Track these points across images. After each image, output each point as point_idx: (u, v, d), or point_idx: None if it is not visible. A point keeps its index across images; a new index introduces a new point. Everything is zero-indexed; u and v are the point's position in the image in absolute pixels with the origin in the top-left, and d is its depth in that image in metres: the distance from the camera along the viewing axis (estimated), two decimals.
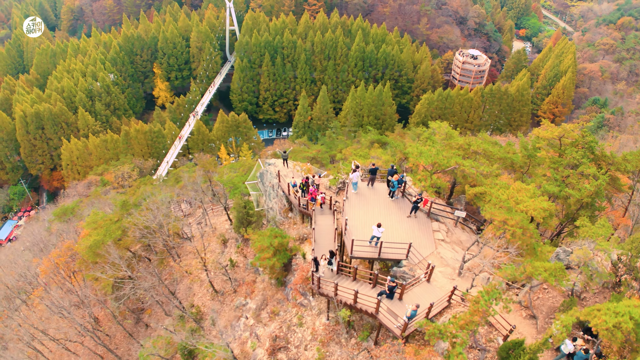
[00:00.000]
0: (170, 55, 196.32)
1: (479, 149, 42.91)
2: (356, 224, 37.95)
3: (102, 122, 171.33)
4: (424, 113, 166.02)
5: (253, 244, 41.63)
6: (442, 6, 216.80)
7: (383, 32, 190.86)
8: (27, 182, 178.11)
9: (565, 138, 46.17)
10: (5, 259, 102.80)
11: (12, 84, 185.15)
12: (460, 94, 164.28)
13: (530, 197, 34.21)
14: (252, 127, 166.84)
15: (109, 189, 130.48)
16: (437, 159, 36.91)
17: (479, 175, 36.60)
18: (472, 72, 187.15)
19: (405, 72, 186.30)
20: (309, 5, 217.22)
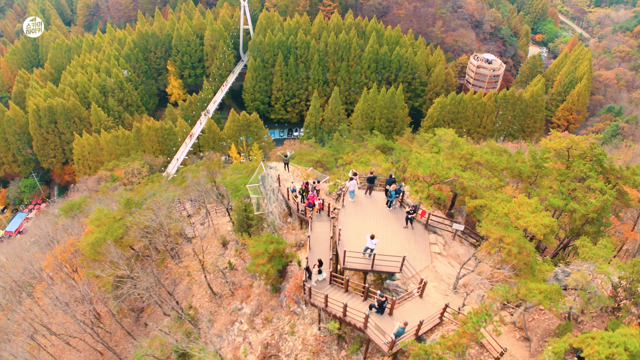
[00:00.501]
0: (184, 53, 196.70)
1: (482, 159, 41.66)
2: (351, 234, 37.08)
3: (115, 117, 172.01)
4: (437, 117, 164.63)
5: (248, 249, 40.98)
6: (457, 9, 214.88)
7: (397, 34, 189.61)
8: (39, 175, 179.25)
9: (573, 150, 44.65)
10: (12, 252, 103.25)
11: (26, 77, 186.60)
12: (473, 98, 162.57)
13: (531, 212, 32.81)
14: (263, 126, 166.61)
15: (118, 184, 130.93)
16: (436, 169, 35.81)
17: (479, 188, 35.47)
18: (487, 77, 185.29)
19: (419, 75, 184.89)
20: (324, 5, 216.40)
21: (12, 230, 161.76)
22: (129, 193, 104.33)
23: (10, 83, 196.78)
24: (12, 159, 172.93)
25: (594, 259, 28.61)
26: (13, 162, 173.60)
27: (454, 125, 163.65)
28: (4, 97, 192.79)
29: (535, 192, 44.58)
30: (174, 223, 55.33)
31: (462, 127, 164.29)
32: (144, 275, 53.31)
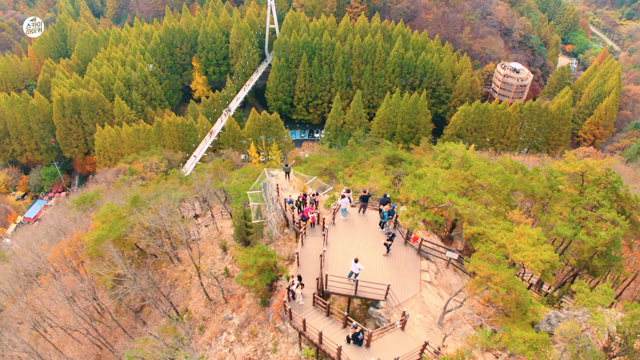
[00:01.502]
0: (210, 50, 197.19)
1: (485, 182, 39.38)
2: (338, 255, 35.47)
3: (138, 111, 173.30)
4: (460, 125, 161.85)
5: (238, 260, 39.91)
6: (487, 16, 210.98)
7: (424, 39, 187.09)
8: (61, 164, 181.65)
9: (588, 174, 41.82)
10: (25, 241, 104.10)
11: (53, 67, 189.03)
12: (498, 108, 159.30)
13: (532, 244, 30.57)
14: (283, 127, 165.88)
15: (135, 178, 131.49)
16: (430, 193, 33.76)
17: (475, 216, 33.44)
18: (513, 86, 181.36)
19: (444, 81, 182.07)
20: (351, 7, 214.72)
21: (31, 217, 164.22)
22: (141, 189, 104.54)
23: (37, 72, 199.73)
24: (35, 147, 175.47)
25: (589, 306, 26.58)
26: (36, 149, 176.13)
27: (477, 135, 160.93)
28: (30, 85, 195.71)
29: (545, 218, 42.38)
30: (174, 225, 54.32)
31: (485, 137, 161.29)
32: (139, 276, 52.67)
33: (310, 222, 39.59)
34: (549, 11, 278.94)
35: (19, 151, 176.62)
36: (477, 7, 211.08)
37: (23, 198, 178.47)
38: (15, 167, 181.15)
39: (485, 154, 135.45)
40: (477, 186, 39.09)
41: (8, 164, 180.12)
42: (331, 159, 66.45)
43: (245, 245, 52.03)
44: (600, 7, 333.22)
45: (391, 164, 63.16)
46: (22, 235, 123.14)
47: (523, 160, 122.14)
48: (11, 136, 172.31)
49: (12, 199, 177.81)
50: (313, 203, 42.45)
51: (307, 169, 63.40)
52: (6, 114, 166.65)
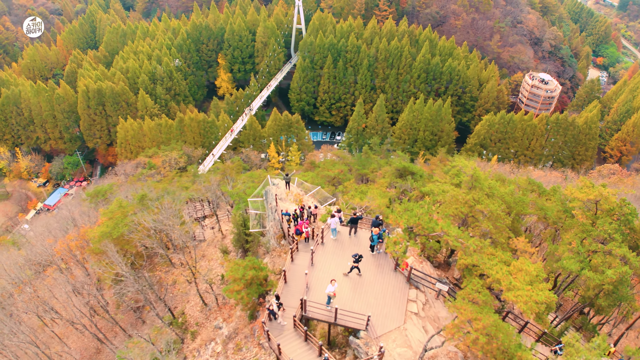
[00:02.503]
0: (235, 48, 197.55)
1: (486, 209, 36.64)
2: (322, 277, 33.95)
3: (161, 105, 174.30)
4: (484, 135, 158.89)
5: (226, 272, 38.97)
6: (517, 24, 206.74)
7: (451, 45, 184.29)
8: (83, 154, 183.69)
9: (602, 203, 39.30)
10: (38, 230, 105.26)
11: (80, 58, 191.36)
12: (524, 119, 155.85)
13: (529, 282, 28.57)
14: (304, 128, 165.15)
15: (153, 172, 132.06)
16: (422, 220, 31.67)
17: (467, 249, 31.26)
18: (541, 97, 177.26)
19: (470, 89, 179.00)
20: (380, 10, 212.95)
21: (51, 205, 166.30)
22: (154, 185, 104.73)
23: (65, 61, 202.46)
24: (59, 136, 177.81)
25: None
26: (59, 138, 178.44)
27: (500, 146, 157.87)
28: (58, 74, 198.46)
29: (553, 247, 40.22)
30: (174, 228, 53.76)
31: (509, 148, 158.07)
32: (136, 276, 52.31)
33: (304, 237, 38.36)
34: (581, 22, 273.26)
35: (43, 139, 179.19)
36: (508, 14, 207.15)
37: (44, 185, 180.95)
38: (38, 154, 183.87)
39: (507, 166, 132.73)
40: (477, 212, 36.99)
41: (32, 151, 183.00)
42: (340, 168, 64.96)
43: (244, 252, 51.23)
44: (632, 20, 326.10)
45: (401, 176, 61.64)
46: (38, 224, 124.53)
47: (545, 175, 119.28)
48: (36, 124, 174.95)
49: (33, 186, 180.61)
50: (310, 216, 41.30)
51: (315, 177, 62.18)
52: (32, 102, 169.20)
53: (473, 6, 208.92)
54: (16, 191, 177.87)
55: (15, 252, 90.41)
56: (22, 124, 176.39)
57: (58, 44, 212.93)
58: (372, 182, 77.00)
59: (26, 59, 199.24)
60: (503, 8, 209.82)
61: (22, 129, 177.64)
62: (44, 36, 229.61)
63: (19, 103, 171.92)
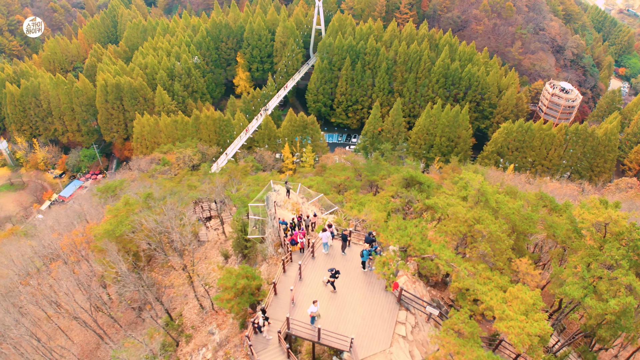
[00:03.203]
0: (254, 47, 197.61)
1: (485, 230, 34.79)
2: (310, 293, 32.98)
3: (178, 102, 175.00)
4: (501, 143, 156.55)
5: (217, 280, 38.29)
6: (539, 31, 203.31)
7: (471, 50, 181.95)
8: (100, 147, 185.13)
9: (611, 226, 37.10)
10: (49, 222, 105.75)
11: (100, 52, 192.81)
12: (542, 128, 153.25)
13: (524, 311, 26.95)
14: (319, 129, 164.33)
15: (166, 169, 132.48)
16: (414, 241, 30.05)
17: (458, 275, 29.73)
18: (560, 107, 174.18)
19: (489, 95, 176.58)
20: (400, 13, 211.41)
21: (66, 196, 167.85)
22: (165, 183, 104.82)
23: (85, 55, 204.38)
24: (77, 129, 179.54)
25: None
26: (77, 131, 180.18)
27: (518, 154, 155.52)
28: (78, 67, 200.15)
29: (557, 270, 38.64)
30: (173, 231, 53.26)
31: (526, 157, 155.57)
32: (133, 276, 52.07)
33: (299, 247, 37.55)
34: (604, 31, 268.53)
35: (61, 131, 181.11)
36: (530, 21, 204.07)
37: (60, 177, 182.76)
38: (55, 146, 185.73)
39: (522, 176, 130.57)
40: (477, 232, 35.43)
41: (49, 143, 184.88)
42: (346, 174, 63.87)
43: (244, 257, 50.66)
44: None
45: (409, 185, 60.48)
46: (51, 215, 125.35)
47: (561, 187, 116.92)
48: (54, 116, 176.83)
49: (49, 177, 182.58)
50: (308, 226, 40.50)
51: (322, 183, 61.33)
52: (50, 94, 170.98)
53: (495, 11, 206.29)
54: (32, 181, 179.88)
55: (24, 243, 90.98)
56: (40, 116, 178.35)
57: (79, 38, 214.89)
58: (380, 189, 75.98)
59: (47, 51, 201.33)
60: (525, 14, 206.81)
61: (41, 120, 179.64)
62: (65, 29, 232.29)
63: (38, 94, 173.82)
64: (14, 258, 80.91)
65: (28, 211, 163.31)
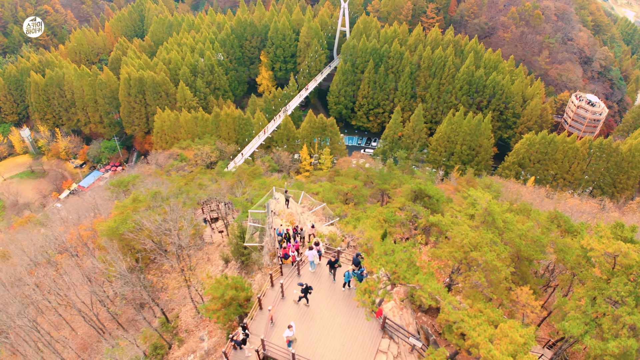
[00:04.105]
0: (278, 46, 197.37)
1: (481, 259, 32.20)
2: (290, 312, 31.90)
3: (200, 99, 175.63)
4: (523, 154, 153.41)
5: (205, 290, 37.57)
6: (567, 41, 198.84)
7: (497, 58, 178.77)
8: (121, 139, 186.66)
9: (621, 258, 34.38)
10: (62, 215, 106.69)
11: (126, 46, 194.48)
12: (566, 141, 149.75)
13: (512, 352, 24.86)
14: (338, 132, 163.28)
15: (184, 165, 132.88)
16: (399, 268, 27.82)
17: (444, 308, 27.45)
18: (586, 120, 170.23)
19: (513, 105, 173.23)
20: (427, 17, 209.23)
21: (85, 186, 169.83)
22: (179, 179, 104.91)
23: (111, 48, 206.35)
24: (99, 120, 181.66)
25: None
26: (99, 122, 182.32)
27: (539, 167, 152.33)
28: (104, 59, 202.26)
29: (561, 301, 36.70)
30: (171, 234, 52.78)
31: (548, 170, 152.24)
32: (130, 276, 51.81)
33: (291, 260, 36.58)
34: (633, 44, 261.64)
35: (83, 122, 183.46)
36: (559, 30, 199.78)
37: (81, 167, 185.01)
38: (77, 136, 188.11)
39: (543, 190, 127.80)
40: (472, 260, 33.17)
41: (71, 133, 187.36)
42: (354, 183, 62.56)
43: (242, 264, 49.96)
44: None
45: (417, 198, 59.11)
46: (68, 205, 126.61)
47: (581, 203, 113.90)
48: (77, 106, 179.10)
49: (70, 166, 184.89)
50: (304, 238, 39.52)
51: (328, 191, 60.27)
52: (74, 85, 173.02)
53: (523, 19, 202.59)
54: (53, 170, 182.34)
55: (37, 232, 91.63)
56: (64, 106, 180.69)
57: (106, 30, 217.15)
58: (390, 199, 74.72)
59: (73, 42, 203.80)
60: (554, 23, 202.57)
61: (64, 110, 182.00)
62: (93, 21, 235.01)
63: (62, 85, 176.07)
64: (25, 247, 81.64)
65: (47, 199, 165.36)
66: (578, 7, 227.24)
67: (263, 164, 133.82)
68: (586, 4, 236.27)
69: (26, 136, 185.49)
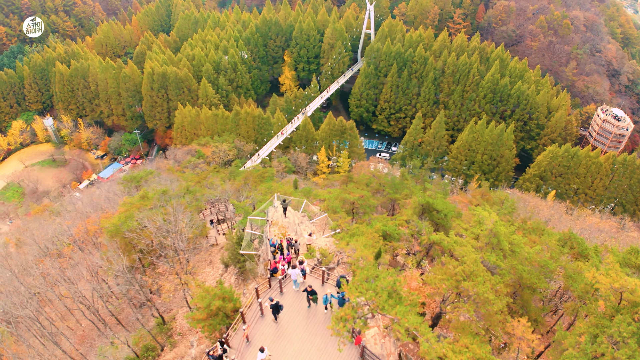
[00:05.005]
0: (302, 47, 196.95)
1: (472, 291, 30.05)
2: (268, 332, 30.72)
3: (222, 96, 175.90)
4: (544, 167, 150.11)
5: (192, 299, 36.98)
6: (595, 53, 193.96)
7: (523, 67, 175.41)
8: (142, 133, 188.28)
9: (627, 294, 32.72)
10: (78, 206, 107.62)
11: (151, 40, 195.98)
12: (589, 155, 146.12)
13: None
14: (357, 135, 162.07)
15: (201, 162, 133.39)
16: (379, 298, 25.74)
17: (422, 345, 25.26)
18: (611, 134, 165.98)
19: (537, 116, 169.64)
20: (454, 23, 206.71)
21: (105, 177, 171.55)
22: (191, 177, 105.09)
23: (137, 41, 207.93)
24: (122, 113, 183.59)
25: None
26: (122, 115, 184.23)
27: (561, 180, 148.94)
28: (129, 53, 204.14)
29: (561, 334, 35.03)
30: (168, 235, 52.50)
31: (570, 184, 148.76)
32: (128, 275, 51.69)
33: (281, 274, 35.73)
34: None
35: (106, 114, 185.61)
36: (587, 42, 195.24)
37: (102, 158, 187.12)
38: (100, 127, 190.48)
39: (563, 205, 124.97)
40: (463, 290, 31.28)
41: (94, 124, 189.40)
42: (362, 192, 61.32)
43: (240, 270, 49.38)
44: None
45: (425, 212, 57.74)
46: (85, 196, 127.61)
47: (600, 221, 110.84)
48: (101, 98, 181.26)
49: (91, 157, 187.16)
50: (298, 250, 38.65)
51: (334, 199, 59.21)
52: (99, 77, 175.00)
53: (552, 28, 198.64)
54: (74, 160, 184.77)
55: (50, 222, 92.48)
56: (87, 97, 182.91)
57: (133, 24, 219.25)
58: (399, 210, 73.52)
59: (100, 34, 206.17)
60: (583, 34, 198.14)
61: (88, 101, 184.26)
62: (120, 14, 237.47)
63: (87, 76, 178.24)
64: (36, 237, 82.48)
65: (66, 188, 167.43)
66: (607, 18, 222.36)
67: (279, 165, 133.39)
68: (616, 15, 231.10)
69: (49, 125, 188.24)
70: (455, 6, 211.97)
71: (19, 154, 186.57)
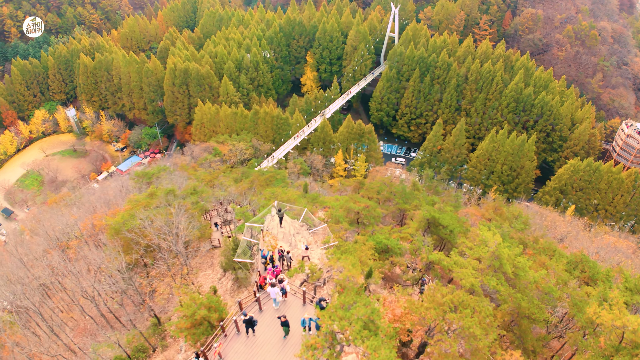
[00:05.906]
0: (325, 48, 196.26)
1: (458, 324, 28.57)
2: (245, 350, 29.95)
3: (243, 94, 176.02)
4: (565, 180, 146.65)
5: (177, 306, 36.48)
6: (622, 65, 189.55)
7: (548, 77, 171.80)
8: (163, 127, 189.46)
9: (629, 334, 31.96)
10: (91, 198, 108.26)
11: (175, 36, 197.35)
12: (611, 171, 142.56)
13: None
14: (375, 140, 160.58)
15: (217, 159, 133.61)
16: (351, 329, 24.17)
17: None
18: (635, 149, 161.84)
19: (561, 127, 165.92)
20: (479, 29, 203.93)
21: (123, 170, 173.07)
22: (204, 175, 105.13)
23: (162, 37, 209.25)
24: (143, 107, 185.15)
25: None
26: (143, 109, 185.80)
27: (581, 195, 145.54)
28: (154, 47, 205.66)
29: None
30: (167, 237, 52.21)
31: (590, 199, 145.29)
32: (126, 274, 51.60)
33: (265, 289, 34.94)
34: None
35: (128, 107, 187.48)
36: (614, 54, 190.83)
37: (122, 150, 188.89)
38: (121, 120, 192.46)
39: (581, 221, 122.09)
40: (449, 322, 29.77)
41: (115, 116, 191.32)
42: (366, 202, 60.20)
43: (236, 276, 48.89)
44: None
45: (431, 226, 56.57)
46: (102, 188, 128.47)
47: (617, 240, 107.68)
48: (123, 92, 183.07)
49: (111, 149, 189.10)
50: (291, 261, 37.91)
51: (338, 207, 58.23)
52: (122, 70, 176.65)
53: (579, 39, 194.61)
54: (94, 151, 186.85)
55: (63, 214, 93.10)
56: (110, 90, 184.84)
57: (158, 19, 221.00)
58: (407, 221, 72.31)
59: (125, 28, 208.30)
60: (610, 46, 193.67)
61: (110, 94, 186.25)
62: (147, 9, 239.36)
63: (110, 69, 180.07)
64: (47, 228, 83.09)
65: (85, 179, 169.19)
66: (635, 31, 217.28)
67: (295, 166, 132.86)
68: None
69: (71, 116, 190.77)
70: (481, 12, 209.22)
71: (40, 143, 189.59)
